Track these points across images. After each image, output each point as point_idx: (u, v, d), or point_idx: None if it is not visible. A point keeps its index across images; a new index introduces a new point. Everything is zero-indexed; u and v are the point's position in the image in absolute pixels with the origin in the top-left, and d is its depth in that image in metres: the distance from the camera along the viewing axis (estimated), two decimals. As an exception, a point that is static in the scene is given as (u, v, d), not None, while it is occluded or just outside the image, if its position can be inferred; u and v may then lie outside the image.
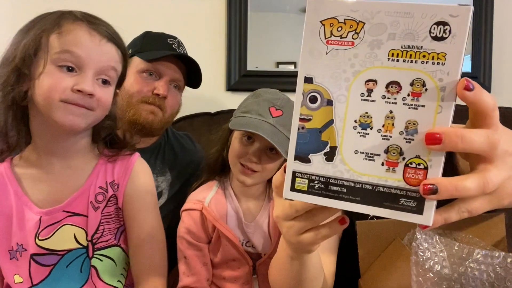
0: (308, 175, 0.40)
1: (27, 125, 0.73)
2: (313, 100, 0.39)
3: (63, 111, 0.67)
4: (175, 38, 1.09)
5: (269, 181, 0.91)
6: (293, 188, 0.40)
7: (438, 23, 0.35)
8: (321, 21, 0.38)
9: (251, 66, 1.43)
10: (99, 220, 0.76)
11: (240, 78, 1.43)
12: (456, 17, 0.34)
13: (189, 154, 1.15)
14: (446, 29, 0.35)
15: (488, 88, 1.40)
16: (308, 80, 0.39)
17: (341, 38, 0.38)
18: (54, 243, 0.74)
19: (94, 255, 0.76)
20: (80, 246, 0.75)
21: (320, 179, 0.39)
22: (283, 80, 1.38)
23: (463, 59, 0.35)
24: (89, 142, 0.79)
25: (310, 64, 0.39)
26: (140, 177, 0.81)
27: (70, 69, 0.67)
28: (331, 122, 0.39)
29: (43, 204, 0.74)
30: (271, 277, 0.69)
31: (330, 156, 0.39)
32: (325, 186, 0.39)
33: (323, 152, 0.39)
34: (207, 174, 0.96)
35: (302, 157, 0.40)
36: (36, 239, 0.73)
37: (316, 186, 0.39)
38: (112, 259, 0.79)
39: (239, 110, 0.87)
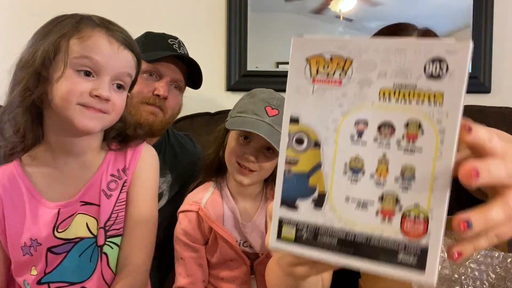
0: (295, 223, 0.36)
1: (41, 125, 0.74)
2: (299, 141, 0.36)
3: (79, 114, 0.69)
4: (176, 38, 1.09)
5: (266, 180, 0.92)
6: (279, 236, 0.37)
7: (433, 60, 0.32)
8: (306, 58, 0.36)
9: (251, 66, 1.43)
10: (112, 207, 0.78)
11: (240, 78, 1.43)
12: (453, 54, 0.31)
13: (190, 155, 1.15)
14: (443, 66, 0.32)
15: (488, 88, 1.40)
16: (294, 120, 0.36)
17: (327, 76, 0.35)
18: (70, 233, 0.76)
19: (106, 242, 0.78)
20: (91, 236, 0.77)
21: (309, 228, 0.36)
22: (283, 80, 1.32)
23: (463, 99, 0.31)
24: (101, 140, 0.81)
25: (296, 103, 0.36)
26: (147, 161, 0.83)
27: (87, 74, 0.69)
28: (319, 166, 0.36)
29: (58, 200, 0.76)
30: (268, 284, 0.68)
31: (318, 203, 0.36)
32: (313, 236, 0.36)
33: (311, 198, 0.36)
34: (203, 175, 0.96)
35: (288, 203, 0.37)
36: (55, 232, 0.75)
37: (304, 236, 0.36)
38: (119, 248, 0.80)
39: (235, 110, 0.88)
